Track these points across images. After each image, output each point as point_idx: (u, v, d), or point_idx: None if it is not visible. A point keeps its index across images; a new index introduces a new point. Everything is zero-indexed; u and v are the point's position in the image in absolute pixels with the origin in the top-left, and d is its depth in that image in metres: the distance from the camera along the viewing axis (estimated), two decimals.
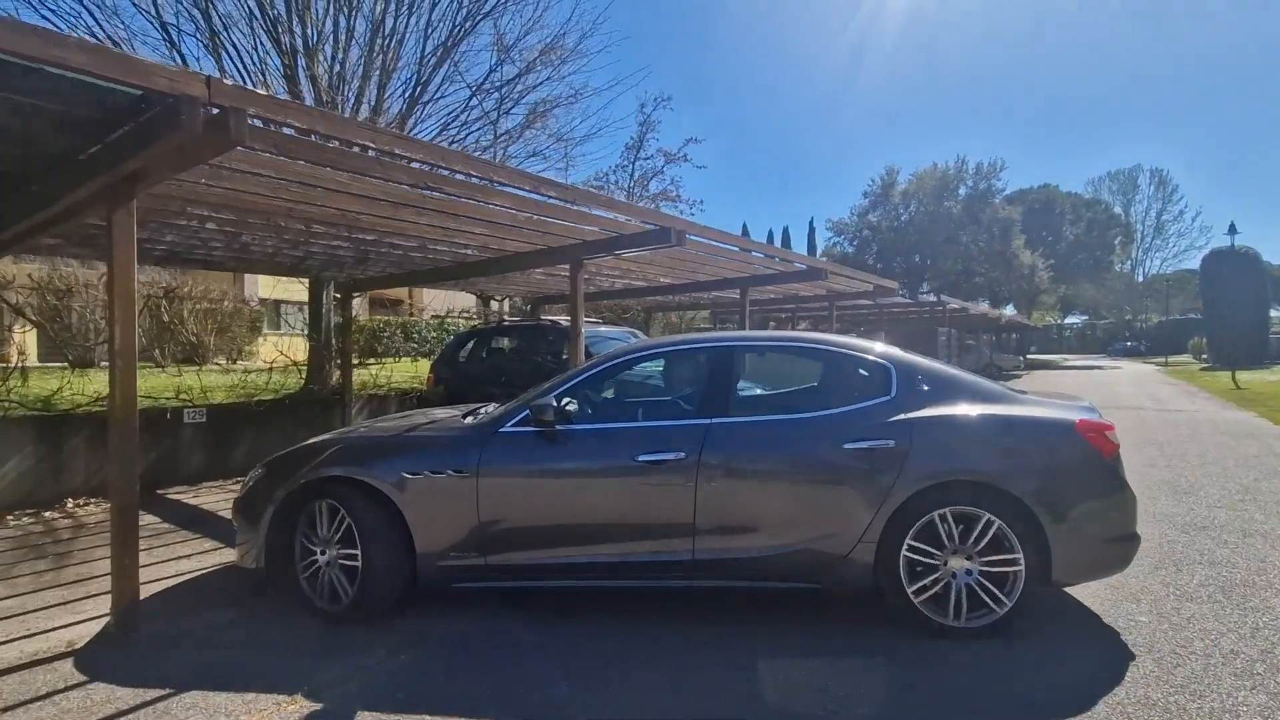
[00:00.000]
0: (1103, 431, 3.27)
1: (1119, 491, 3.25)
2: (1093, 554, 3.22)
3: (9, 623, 3.53)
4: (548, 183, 4.33)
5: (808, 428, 3.39)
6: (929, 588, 3.15)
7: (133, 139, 2.97)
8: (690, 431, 3.37)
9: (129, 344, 3.31)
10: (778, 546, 3.24)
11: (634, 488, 3.36)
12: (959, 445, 3.23)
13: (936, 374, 3.48)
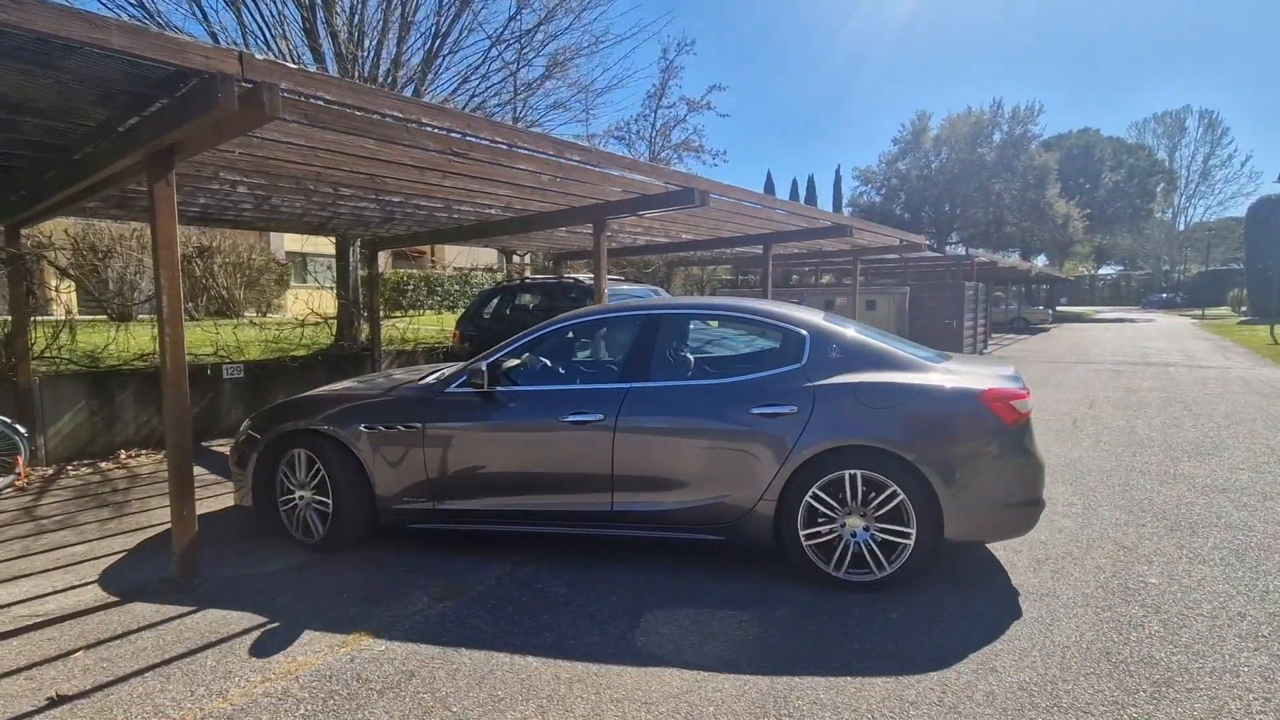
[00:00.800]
0: (1007, 400, 3.34)
1: (1020, 458, 3.36)
2: (989, 518, 3.37)
3: (81, 567, 3.83)
4: (571, 146, 4.33)
5: (719, 392, 3.59)
6: (824, 541, 3.38)
7: (170, 113, 3.05)
8: (611, 395, 3.67)
9: (176, 311, 3.47)
10: (687, 501, 3.53)
11: (560, 444, 3.69)
12: (857, 412, 3.36)
13: (850, 343, 3.60)
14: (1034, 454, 3.41)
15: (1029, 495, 3.39)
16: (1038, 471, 3.42)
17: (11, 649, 2.93)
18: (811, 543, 3.39)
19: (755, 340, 3.98)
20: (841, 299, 15.10)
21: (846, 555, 3.36)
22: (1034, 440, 3.46)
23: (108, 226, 16.47)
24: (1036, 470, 3.41)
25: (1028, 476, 3.39)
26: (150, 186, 3.37)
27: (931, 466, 3.24)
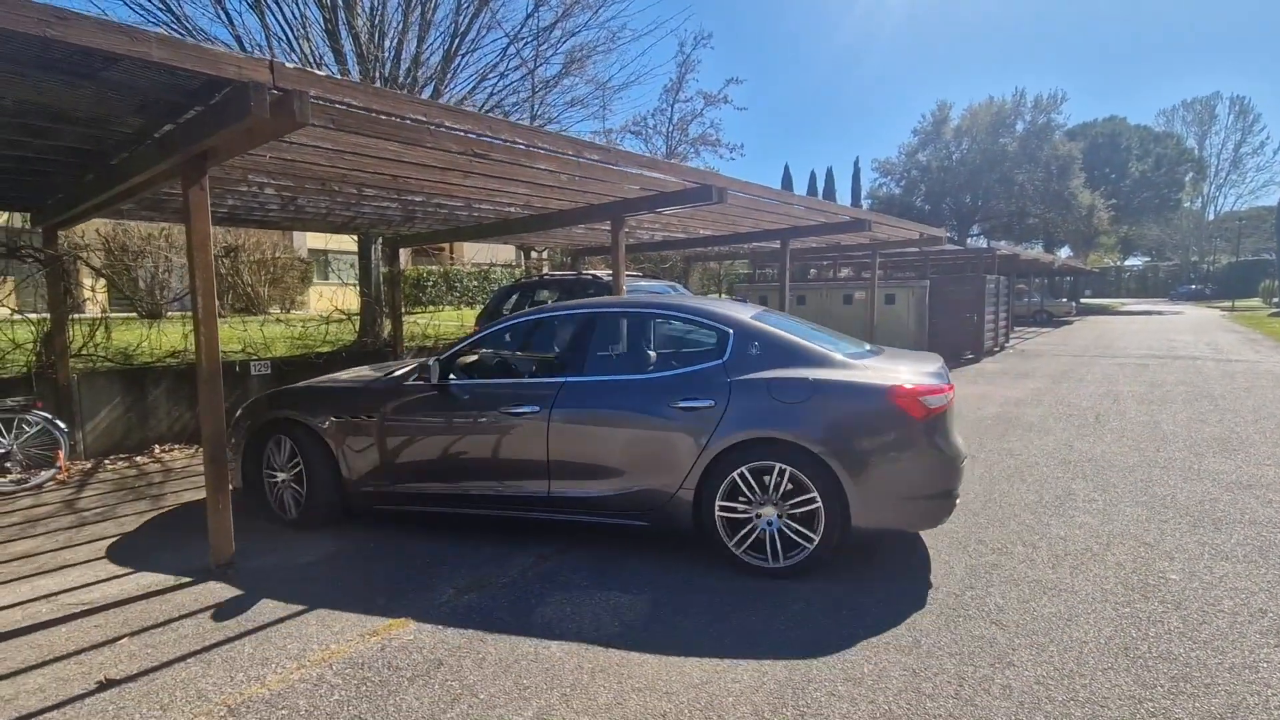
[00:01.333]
0: (916, 396, 3.43)
1: (928, 452, 3.45)
2: (896, 509, 3.49)
3: (122, 557, 3.98)
4: (589, 145, 4.38)
5: (645, 387, 3.78)
6: (740, 526, 3.56)
7: (204, 121, 3.15)
8: (546, 389, 3.92)
9: (210, 311, 3.59)
10: (616, 488, 3.75)
11: (502, 435, 3.96)
12: (769, 406, 3.50)
13: (772, 340, 3.73)
14: (944, 449, 3.50)
15: (938, 488, 3.50)
16: (949, 465, 3.51)
17: (61, 635, 3.07)
18: (729, 530, 3.57)
19: (689, 337, 4.15)
20: (860, 293, 14.99)
21: (763, 542, 3.52)
22: (948, 435, 3.55)
23: (138, 227, 16.88)
24: (947, 464, 3.50)
25: (937, 470, 3.49)
26: (185, 190, 3.49)
27: (837, 459, 3.37)
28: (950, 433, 3.57)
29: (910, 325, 14.48)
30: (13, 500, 5.19)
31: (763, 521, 3.52)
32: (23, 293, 6.83)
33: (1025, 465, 5.75)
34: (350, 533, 4.32)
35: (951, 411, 3.63)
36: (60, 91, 2.99)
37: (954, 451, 3.55)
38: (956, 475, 3.56)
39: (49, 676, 2.73)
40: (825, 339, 4.08)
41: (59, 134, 3.66)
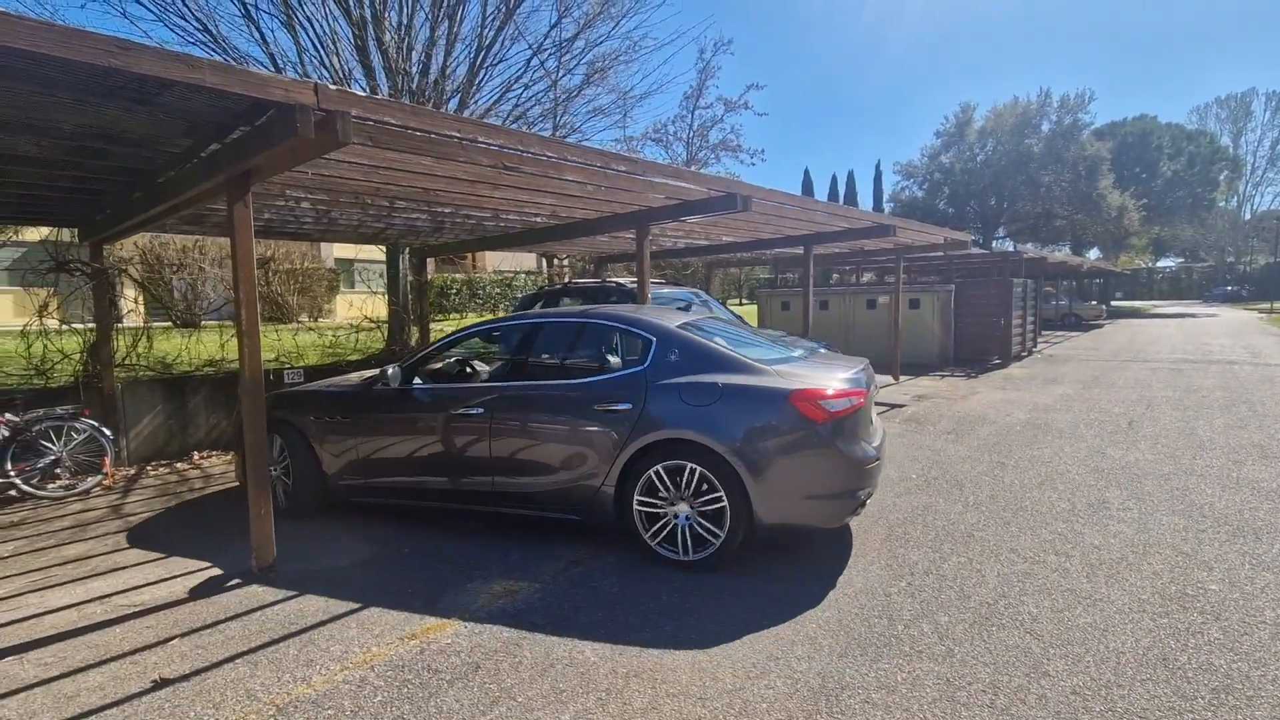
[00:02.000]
0: (815, 400, 3.61)
1: (827, 454, 3.61)
2: (795, 507, 3.68)
3: (169, 561, 4.12)
4: (617, 157, 4.46)
5: (573, 391, 4.06)
6: (657, 523, 3.82)
7: (250, 141, 3.28)
8: (489, 393, 4.29)
9: (254, 323, 3.72)
10: (548, 485, 4.08)
11: (452, 434, 4.32)
12: (680, 409, 3.74)
13: (690, 346, 3.97)
14: (846, 451, 3.65)
15: (838, 489, 3.67)
16: (850, 467, 3.66)
17: (116, 635, 3.20)
18: (647, 524, 3.82)
19: (619, 344, 4.40)
20: (884, 298, 14.88)
21: (675, 536, 3.77)
22: (852, 438, 3.71)
23: (173, 239, 17.39)
24: (848, 466, 3.65)
25: (836, 471, 3.64)
26: (229, 207, 3.62)
27: (740, 458, 3.57)
28: (855, 436, 3.74)
29: (935, 330, 14.34)
30: (63, 505, 5.39)
31: (677, 517, 3.76)
32: (67, 305, 7.09)
33: (1056, 473, 5.68)
34: (385, 537, 4.42)
35: (860, 415, 3.79)
36: (117, 116, 3.14)
37: (857, 454, 3.70)
38: (860, 477, 3.71)
39: (107, 675, 2.85)
40: (761, 345, 4.43)
41: (112, 155, 3.83)
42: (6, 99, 2.86)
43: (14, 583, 3.86)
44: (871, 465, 3.78)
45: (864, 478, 3.74)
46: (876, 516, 4.66)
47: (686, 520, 3.75)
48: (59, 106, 2.99)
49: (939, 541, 4.17)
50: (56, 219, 6.13)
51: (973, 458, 6.27)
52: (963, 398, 9.91)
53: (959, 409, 8.91)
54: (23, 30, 2.20)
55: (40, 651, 3.06)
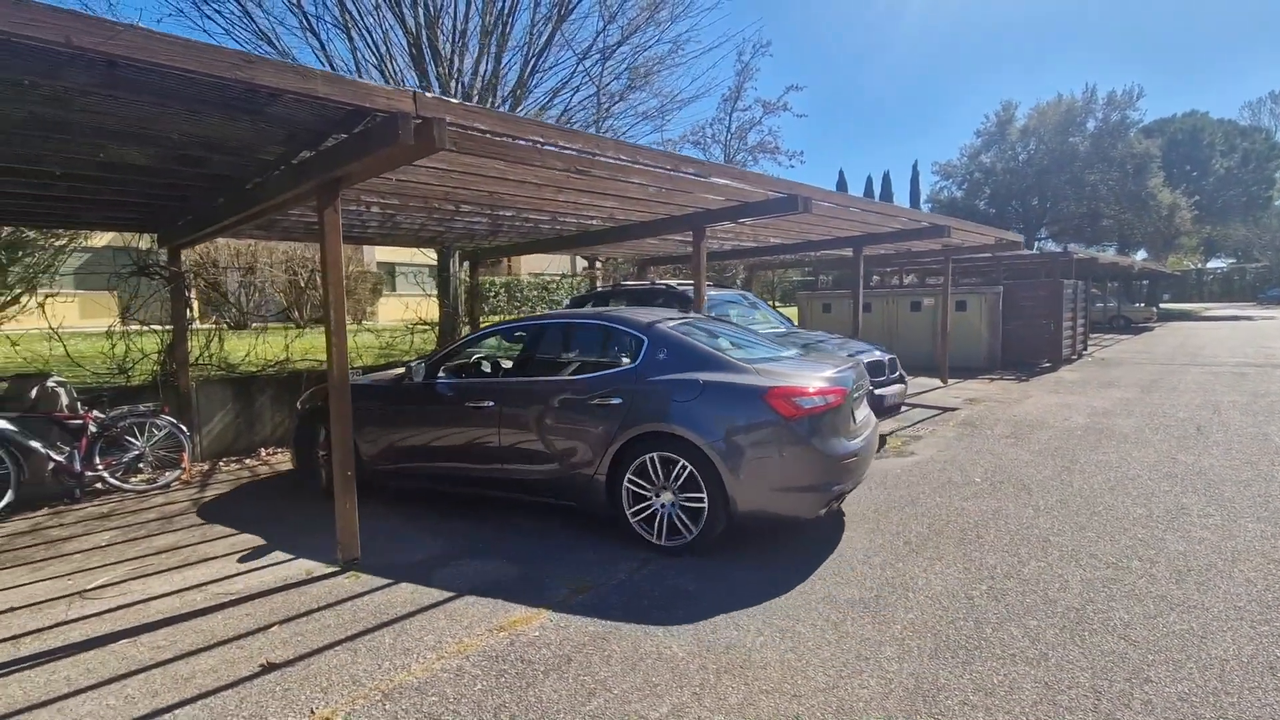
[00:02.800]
0: (788, 397, 3.82)
1: (797, 448, 3.80)
2: (768, 497, 3.85)
3: (253, 552, 4.28)
4: (685, 160, 4.51)
5: (571, 386, 4.38)
6: (649, 516, 4.08)
7: (345, 148, 3.41)
8: (498, 387, 4.71)
9: (341, 323, 3.85)
10: (548, 473, 4.40)
11: (466, 425, 4.71)
12: (665, 405, 4.00)
13: (677, 345, 4.24)
14: (818, 446, 3.83)
15: (810, 481, 3.84)
16: (821, 461, 3.84)
17: (218, 621, 3.34)
18: (635, 512, 4.10)
19: (616, 343, 4.73)
20: (929, 300, 14.66)
21: (663, 522, 4.02)
22: (825, 433, 3.88)
23: (228, 244, 17.99)
24: (820, 460, 3.84)
25: (805, 465, 3.83)
26: (320, 212, 3.76)
27: (717, 451, 3.80)
28: (830, 432, 3.91)
29: (983, 333, 14.08)
30: (148, 499, 5.64)
31: (662, 504, 4.03)
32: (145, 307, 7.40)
33: (1126, 478, 5.54)
34: (453, 532, 4.52)
35: (838, 413, 3.99)
36: (223, 125, 3.30)
37: (832, 449, 3.88)
38: (834, 471, 3.89)
39: (217, 659, 2.99)
40: (757, 345, 4.78)
41: (209, 162, 4.01)
42: (129, 111, 3.02)
43: (116, 570, 4.05)
44: (849, 461, 3.97)
45: (839, 472, 3.91)
46: (946, 520, 4.61)
47: (671, 509, 4.00)
48: (172, 117, 3.15)
49: (1015, 546, 4.11)
50: (140, 224, 6.42)
51: (1036, 462, 6.15)
52: (1016, 401, 9.71)
53: (1014, 412, 8.74)
54: (162, 47, 2.33)
55: (152, 635, 3.21)
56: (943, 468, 6.06)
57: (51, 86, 2.75)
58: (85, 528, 4.92)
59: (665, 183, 5.00)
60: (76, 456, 5.55)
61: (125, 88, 2.68)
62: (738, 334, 5.02)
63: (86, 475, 5.60)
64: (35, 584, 3.88)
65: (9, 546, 4.56)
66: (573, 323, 5.24)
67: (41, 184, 4.45)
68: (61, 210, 5.40)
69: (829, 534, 4.37)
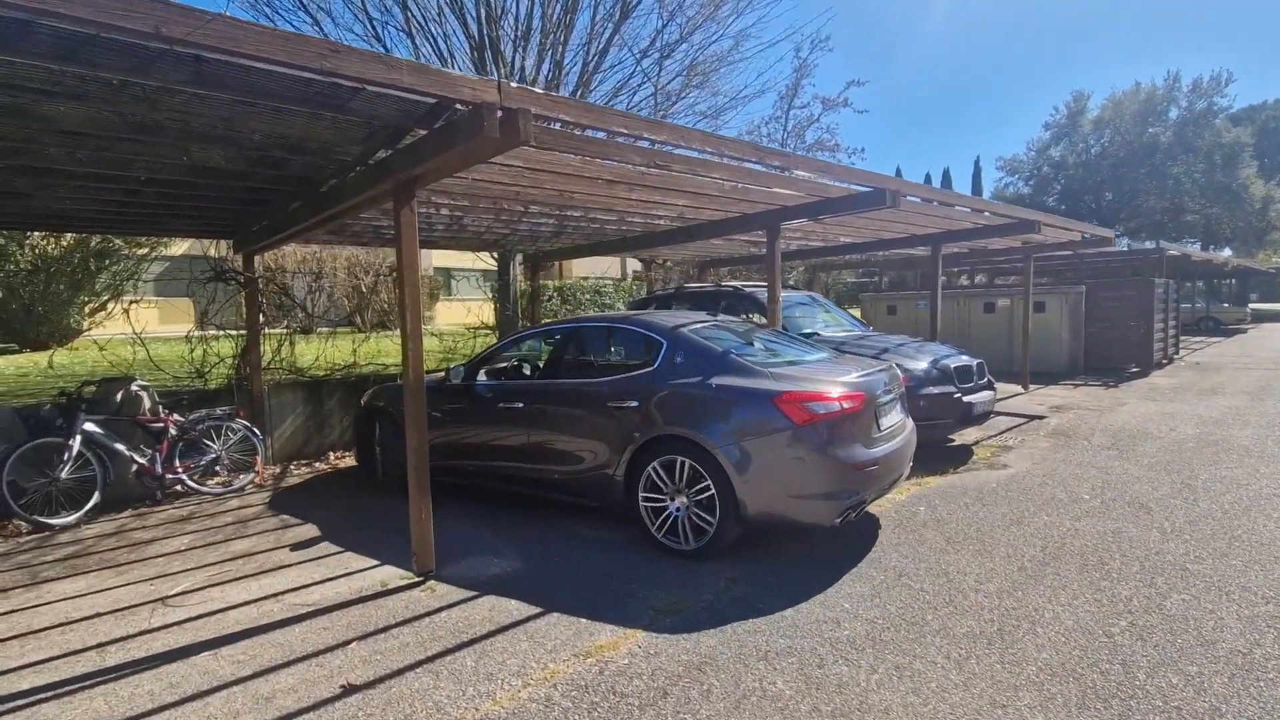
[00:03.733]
0: (801, 403, 3.73)
1: (809, 455, 3.71)
2: (780, 503, 3.80)
3: (328, 560, 4.20)
4: (771, 152, 4.23)
5: (592, 389, 4.47)
6: (659, 511, 4.09)
7: (425, 145, 3.27)
8: (525, 389, 4.88)
9: (417, 327, 3.73)
10: (572, 473, 4.51)
11: (499, 425, 4.92)
12: (678, 408, 4.04)
13: (695, 349, 4.24)
14: (830, 453, 3.72)
15: (822, 488, 3.75)
16: (834, 469, 3.73)
17: (296, 636, 3.24)
18: (651, 514, 4.10)
19: (637, 347, 4.77)
20: (1003, 300, 13.87)
21: (678, 525, 4.00)
22: (840, 440, 3.77)
23: (294, 250, 18.57)
24: (832, 467, 3.72)
25: (818, 472, 3.72)
26: (396, 212, 3.65)
27: (727, 455, 3.77)
28: (846, 439, 3.79)
29: (1063, 335, 13.22)
30: (223, 502, 5.69)
31: (675, 507, 4.02)
32: (222, 312, 7.56)
33: (1261, 497, 4.96)
34: (529, 544, 4.36)
35: (855, 419, 3.86)
36: (306, 124, 3.21)
37: (847, 457, 3.76)
38: (850, 479, 3.78)
39: (296, 677, 2.87)
40: (786, 348, 4.75)
41: (288, 164, 3.97)
42: (214, 111, 2.95)
43: (195, 576, 4.03)
44: (870, 469, 3.85)
45: (855, 481, 3.81)
46: (1061, 542, 4.19)
47: (684, 511, 3.99)
48: (256, 116, 3.08)
49: (1148, 575, 3.67)
50: (216, 231, 6.54)
51: (1149, 477, 5.60)
52: (1108, 409, 9.01)
53: (1109, 422, 8.08)
54: (249, 36, 2.21)
55: (232, 648, 3.13)
56: (1042, 482, 5.58)
57: (142, 87, 2.70)
58: (166, 530, 4.97)
59: (745, 178, 4.74)
60: (158, 459, 5.65)
61: (212, 84, 2.60)
62: (771, 337, 5.01)
63: (167, 478, 5.69)
64: (120, 588, 3.89)
65: (96, 548, 4.63)
66: (601, 326, 5.39)
67: (129, 191, 4.52)
68: (147, 217, 5.52)
69: (930, 555, 4.02)
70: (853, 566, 3.87)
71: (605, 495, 4.37)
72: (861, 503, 3.94)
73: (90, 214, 5.29)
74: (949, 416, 6.31)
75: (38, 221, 5.89)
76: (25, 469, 5.12)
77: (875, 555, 4.05)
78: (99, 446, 5.43)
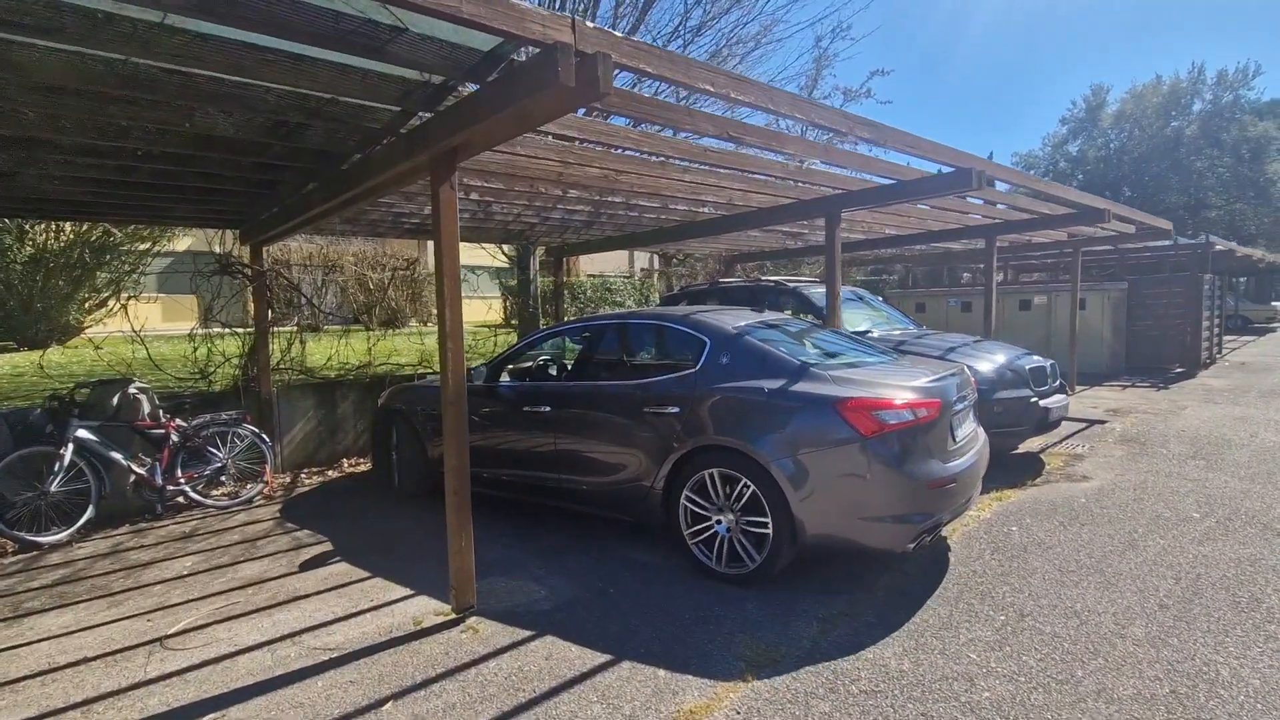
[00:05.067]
0: (868, 410, 3.28)
1: (879, 471, 3.25)
2: (844, 526, 3.34)
3: (349, 590, 3.66)
4: (862, 122, 3.67)
5: (626, 392, 4.02)
6: (708, 538, 3.64)
7: (479, 101, 2.73)
8: (553, 391, 4.45)
9: (458, 325, 3.19)
10: (603, 484, 4.10)
11: (522, 430, 4.52)
12: (725, 416, 3.59)
13: (744, 349, 3.78)
14: (902, 469, 3.27)
15: (892, 510, 3.28)
16: (906, 487, 3.28)
17: (319, 691, 2.71)
18: (694, 531, 3.67)
19: (676, 346, 4.33)
20: (1040, 298, 13.27)
21: (723, 546, 3.57)
22: (914, 454, 3.32)
23: (299, 245, 18.08)
24: (904, 485, 3.28)
25: (889, 491, 3.27)
26: (435, 191, 3.11)
27: (781, 470, 3.33)
28: (920, 453, 3.35)
29: (1105, 334, 12.63)
30: (229, 515, 5.17)
31: (720, 526, 3.59)
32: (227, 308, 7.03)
33: None
34: (578, 575, 3.81)
35: (930, 430, 3.40)
36: (331, 78, 2.67)
37: (922, 473, 3.32)
38: (925, 499, 3.33)
39: None
40: (845, 348, 4.28)
41: (306, 134, 3.42)
42: (221, 57, 2.41)
43: (198, 609, 3.51)
44: (947, 486, 3.41)
45: (933, 500, 3.36)
46: (1195, 573, 3.63)
47: (731, 531, 3.56)
48: (272, 67, 2.54)
49: None
50: (222, 219, 6.01)
51: (1256, 492, 5.04)
52: (1169, 413, 8.43)
53: (1179, 427, 7.51)
54: None
55: (242, 708, 2.60)
56: (1136, 497, 5.02)
57: (132, 23, 2.15)
58: (166, 550, 4.45)
59: (820, 154, 4.18)
60: (158, 469, 5.13)
61: (217, 15, 2.05)
62: (827, 337, 4.56)
63: (168, 489, 5.17)
64: (113, 624, 3.37)
65: (88, 572, 4.11)
66: (636, 324, 4.80)
67: (123, 168, 3.98)
68: (145, 202, 4.98)
69: (1047, 588, 3.46)
70: (961, 602, 3.32)
71: (641, 510, 3.96)
72: (937, 525, 3.50)
73: (81, 197, 4.75)
74: (1024, 424, 5.75)
75: (21, 207, 5.33)
76: (11, 481, 4.60)
77: (983, 588, 3.50)
78: (93, 455, 4.91)
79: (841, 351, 4.26)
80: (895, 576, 3.66)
